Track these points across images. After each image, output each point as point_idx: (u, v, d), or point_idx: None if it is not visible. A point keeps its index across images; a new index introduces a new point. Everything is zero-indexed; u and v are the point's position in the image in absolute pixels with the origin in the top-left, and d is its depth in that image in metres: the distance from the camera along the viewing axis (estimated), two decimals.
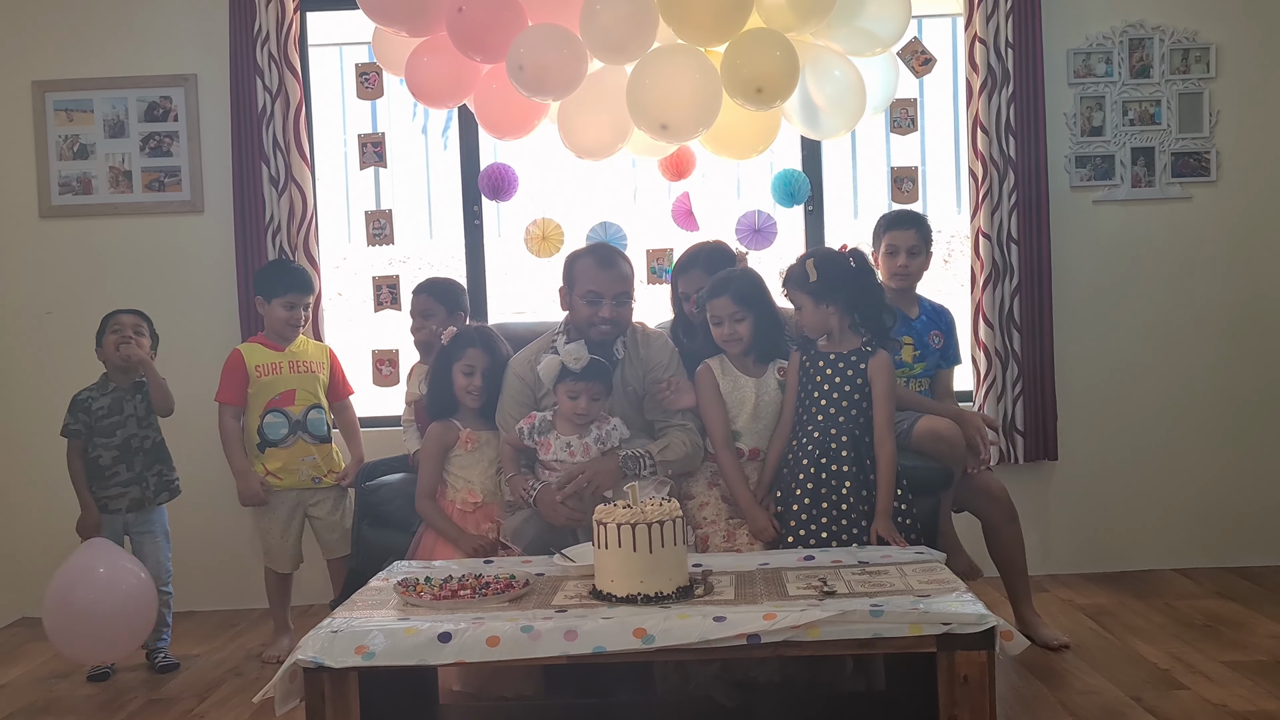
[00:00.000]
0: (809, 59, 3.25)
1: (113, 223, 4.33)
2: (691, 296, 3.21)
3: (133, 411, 3.65)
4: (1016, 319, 4.15)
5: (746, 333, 2.99)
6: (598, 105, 3.28)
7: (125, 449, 3.62)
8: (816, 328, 2.98)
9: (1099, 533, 4.31)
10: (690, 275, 3.25)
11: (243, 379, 3.66)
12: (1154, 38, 4.24)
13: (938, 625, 2.18)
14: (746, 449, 3.02)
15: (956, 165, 4.80)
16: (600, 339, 3.07)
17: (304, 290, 3.75)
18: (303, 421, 3.69)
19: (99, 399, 3.62)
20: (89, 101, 4.31)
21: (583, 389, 2.93)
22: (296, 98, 4.17)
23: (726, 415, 3.01)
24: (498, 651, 2.19)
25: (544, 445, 2.98)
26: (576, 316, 3.11)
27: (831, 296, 2.95)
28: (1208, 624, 3.59)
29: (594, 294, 3.06)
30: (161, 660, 3.61)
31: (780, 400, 3.03)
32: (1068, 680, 3.15)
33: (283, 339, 3.73)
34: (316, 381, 3.74)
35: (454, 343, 3.18)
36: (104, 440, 3.61)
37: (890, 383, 2.95)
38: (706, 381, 3.03)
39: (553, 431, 2.98)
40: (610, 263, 3.11)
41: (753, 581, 2.47)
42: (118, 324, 3.64)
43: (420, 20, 3.27)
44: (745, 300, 2.98)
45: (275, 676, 2.22)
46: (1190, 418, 4.29)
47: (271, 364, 3.69)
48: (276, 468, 3.66)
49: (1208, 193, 4.27)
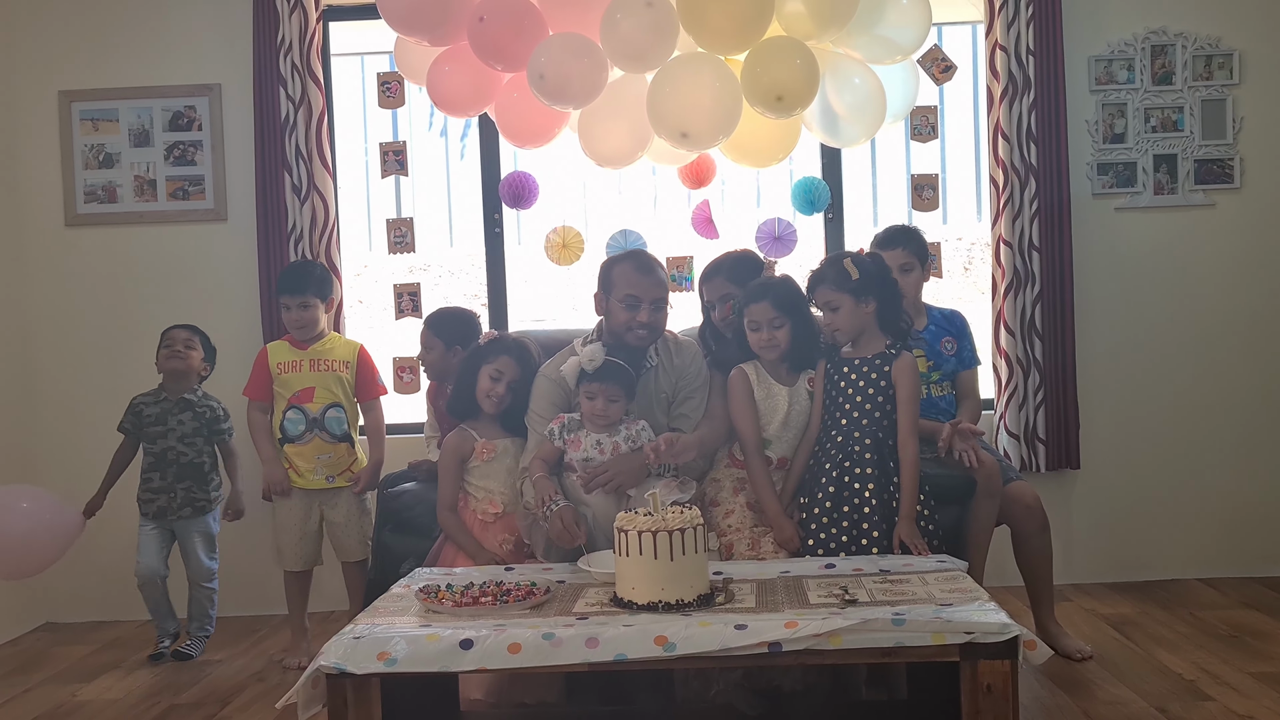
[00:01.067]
0: (829, 67, 3.25)
1: (137, 231, 4.37)
2: (716, 305, 3.22)
3: (175, 426, 3.79)
4: (1038, 327, 4.13)
5: (784, 339, 2.97)
6: (618, 113, 3.29)
7: (161, 459, 3.79)
8: (853, 328, 2.96)
9: (1122, 542, 4.28)
10: (714, 283, 3.25)
11: (266, 375, 3.76)
12: (1176, 44, 4.22)
13: (960, 634, 2.17)
14: (775, 458, 3.00)
15: (977, 172, 4.79)
16: (637, 344, 3.08)
17: (290, 291, 3.74)
18: (320, 419, 3.72)
19: (150, 406, 3.82)
20: (114, 111, 4.35)
21: (599, 390, 2.93)
22: (319, 107, 4.20)
23: (758, 422, 2.99)
24: (519, 659, 2.19)
25: (574, 443, 2.97)
26: (613, 321, 3.12)
27: (872, 294, 2.95)
28: (1233, 634, 3.56)
29: (633, 298, 3.07)
30: (185, 647, 3.81)
31: (810, 409, 3.02)
32: (1092, 691, 3.13)
33: (299, 339, 3.78)
34: (338, 380, 3.76)
35: (490, 345, 3.17)
36: (147, 446, 3.81)
37: (914, 385, 2.94)
38: (740, 387, 3.01)
39: (582, 429, 2.98)
40: (649, 268, 3.13)
41: (774, 590, 2.46)
42: (170, 339, 3.82)
43: (442, 30, 3.29)
44: (785, 307, 2.97)
45: (298, 683, 2.23)
46: (1215, 425, 4.26)
47: (292, 362, 3.75)
48: (294, 464, 3.72)
49: (1231, 199, 4.24)
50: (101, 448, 3.87)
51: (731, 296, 3.14)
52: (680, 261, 4.15)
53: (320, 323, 3.80)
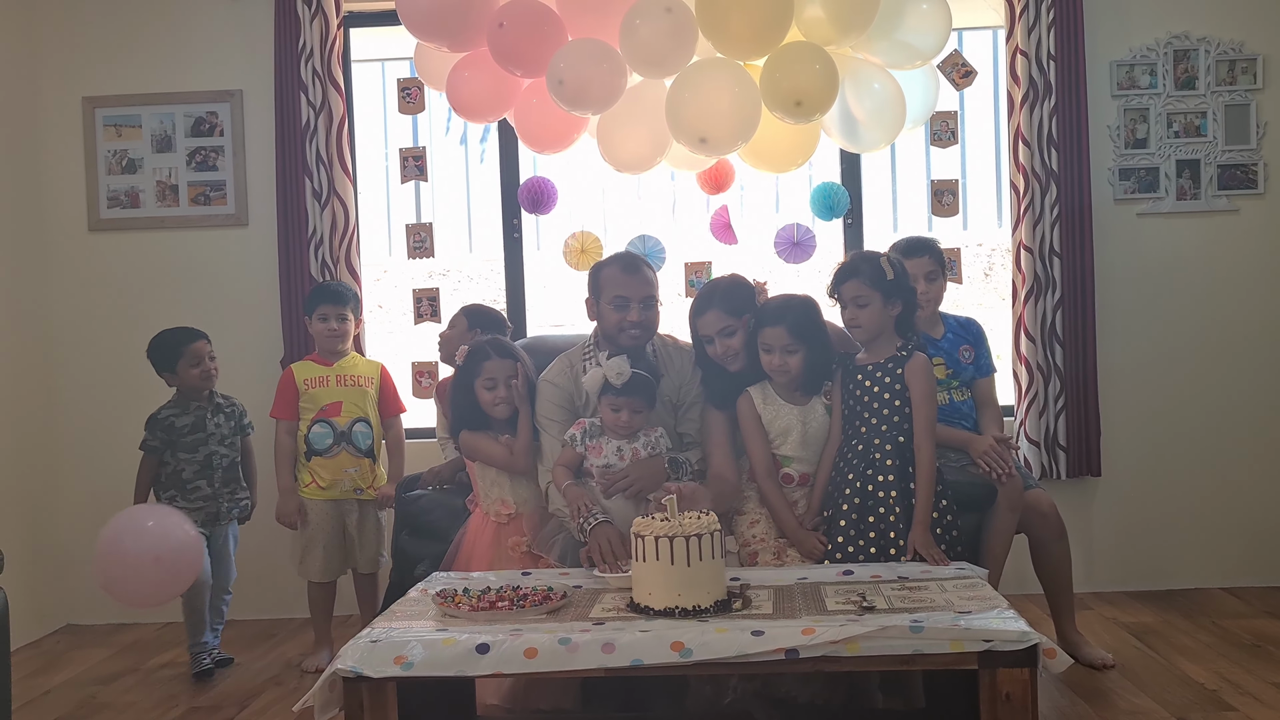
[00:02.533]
0: (848, 72, 3.24)
1: (159, 236, 4.40)
2: (715, 339, 3.01)
3: (214, 430, 3.75)
4: (1059, 333, 4.10)
5: (797, 367, 2.92)
6: (637, 119, 3.29)
7: (207, 465, 3.73)
8: (875, 328, 2.91)
9: (1144, 550, 4.24)
10: (708, 317, 3.01)
11: (293, 395, 3.77)
12: (1199, 49, 4.18)
13: (979, 642, 2.15)
14: (797, 474, 2.97)
15: (998, 178, 4.76)
16: (631, 344, 3.08)
17: (333, 301, 3.80)
18: (347, 433, 3.76)
19: (181, 417, 3.72)
20: (137, 117, 4.39)
21: (624, 403, 2.93)
22: (339, 113, 4.22)
23: (768, 444, 2.96)
24: (535, 663, 2.19)
25: (595, 449, 2.97)
26: (605, 324, 3.12)
27: (899, 297, 2.91)
28: (1256, 644, 3.52)
29: (621, 299, 3.08)
30: (219, 655, 3.75)
31: (829, 423, 2.99)
32: (1112, 700, 3.10)
33: (330, 354, 3.81)
34: (364, 396, 3.81)
35: (469, 361, 3.12)
36: (187, 455, 3.71)
37: (928, 385, 2.88)
38: (747, 411, 2.98)
39: (603, 436, 2.98)
40: (634, 268, 3.13)
41: (791, 596, 2.45)
42: (195, 354, 3.70)
43: (461, 36, 3.30)
44: (801, 334, 2.91)
45: (315, 685, 2.23)
46: (1237, 433, 4.22)
47: (319, 377, 3.78)
48: (320, 476, 3.74)
49: (1255, 205, 4.21)
50: (123, 450, 3.88)
51: (731, 329, 3.00)
52: (699, 267, 4.15)
53: (350, 338, 3.85)
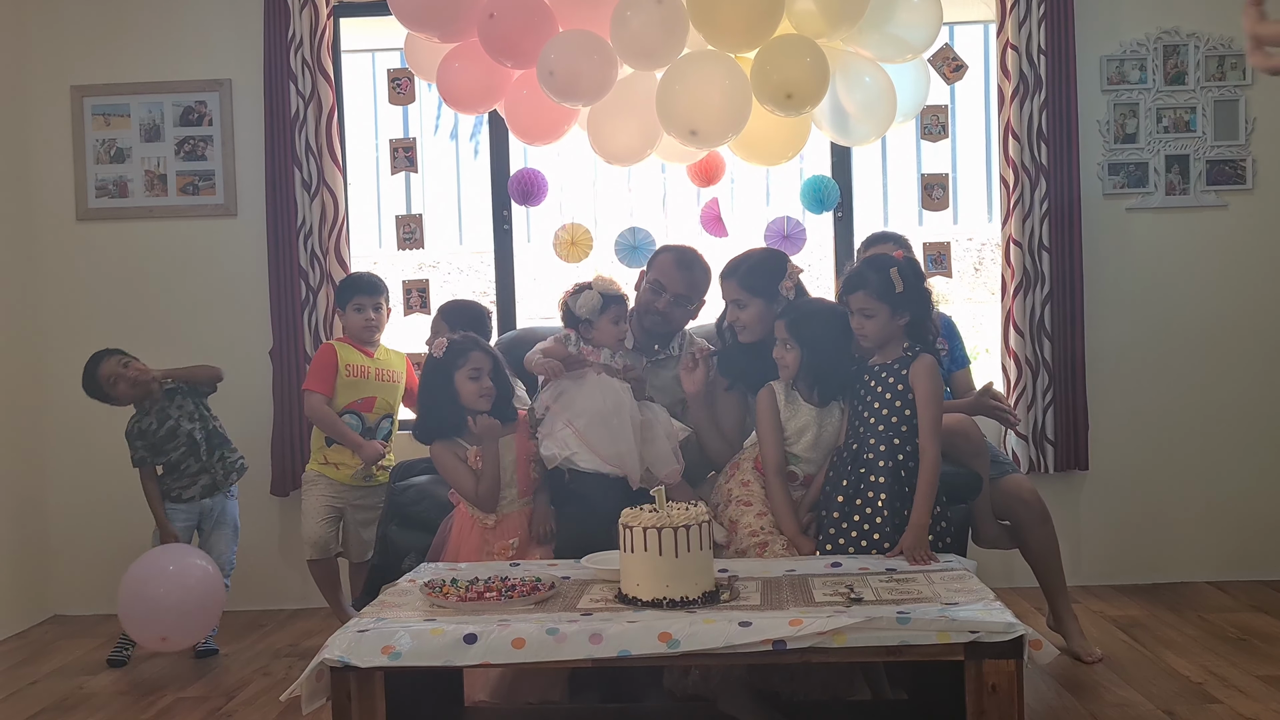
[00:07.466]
0: (839, 65, 3.24)
1: (148, 225, 4.38)
2: (728, 305, 3.12)
3: (178, 412, 3.77)
4: (1047, 327, 4.12)
5: (793, 363, 2.91)
6: (627, 111, 3.29)
7: (191, 444, 3.76)
8: (880, 338, 2.87)
9: (1131, 544, 4.26)
10: (729, 284, 3.10)
11: (333, 372, 3.72)
12: (1189, 44, 4.20)
13: (965, 633, 2.16)
14: (803, 475, 2.96)
15: (988, 172, 4.78)
16: (650, 327, 3.17)
17: (369, 292, 3.81)
18: (374, 429, 3.78)
19: (145, 418, 3.75)
20: (126, 106, 4.37)
21: (619, 312, 3.09)
22: (329, 103, 4.20)
23: (781, 442, 2.95)
24: (523, 653, 2.19)
25: (592, 353, 3.08)
26: (639, 299, 3.26)
27: (908, 309, 2.86)
28: (1242, 637, 3.54)
29: (658, 284, 3.19)
30: (202, 645, 3.74)
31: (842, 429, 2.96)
32: (1098, 693, 3.11)
33: (365, 344, 3.81)
34: (395, 391, 3.83)
35: (451, 352, 3.04)
36: (170, 444, 3.74)
37: (933, 386, 2.83)
38: (766, 405, 2.97)
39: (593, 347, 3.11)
40: (686, 265, 3.22)
41: (779, 588, 2.46)
42: (113, 375, 3.71)
43: (452, 26, 3.29)
44: (799, 335, 2.90)
45: (302, 675, 2.23)
46: (1224, 427, 4.24)
47: (361, 367, 3.77)
48: (339, 460, 3.75)
49: (1243, 200, 4.22)
50: (111, 440, 3.87)
51: (743, 303, 3.05)
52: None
53: (384, 328, 3.87)
